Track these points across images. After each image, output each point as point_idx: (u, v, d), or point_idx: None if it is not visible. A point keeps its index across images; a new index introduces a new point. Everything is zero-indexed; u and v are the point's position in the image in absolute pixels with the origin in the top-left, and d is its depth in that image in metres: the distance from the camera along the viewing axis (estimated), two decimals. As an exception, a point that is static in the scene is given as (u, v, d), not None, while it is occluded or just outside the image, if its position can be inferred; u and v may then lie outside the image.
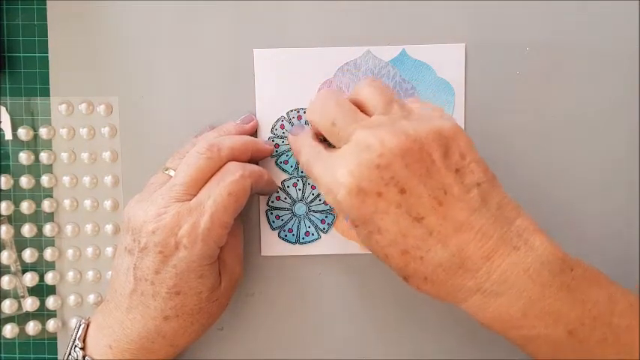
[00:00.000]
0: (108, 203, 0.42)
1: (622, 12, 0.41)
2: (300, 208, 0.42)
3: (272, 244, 0.42)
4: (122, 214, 0.37)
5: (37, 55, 0.41)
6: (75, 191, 0.42)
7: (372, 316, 0.43)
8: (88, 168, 0.42)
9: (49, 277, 0.42)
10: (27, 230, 0.42)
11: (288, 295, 0.43)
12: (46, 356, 0.43)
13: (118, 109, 0.41)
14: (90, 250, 0.42)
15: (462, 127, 0.41)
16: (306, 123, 0.41)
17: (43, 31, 0.41)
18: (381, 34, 0.41)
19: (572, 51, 0.41)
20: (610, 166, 0.42)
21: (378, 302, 0.43)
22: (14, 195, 0.42)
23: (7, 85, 0.41)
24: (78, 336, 0.36)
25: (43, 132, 0.41)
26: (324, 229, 0.42)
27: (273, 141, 0.41)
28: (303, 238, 0.42)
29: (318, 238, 0.42)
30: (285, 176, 0.41)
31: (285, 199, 0.42)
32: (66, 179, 0.42)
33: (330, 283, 0.42)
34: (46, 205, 0.42)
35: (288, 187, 0.41)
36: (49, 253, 0.42)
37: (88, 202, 0.42)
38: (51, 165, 0.42)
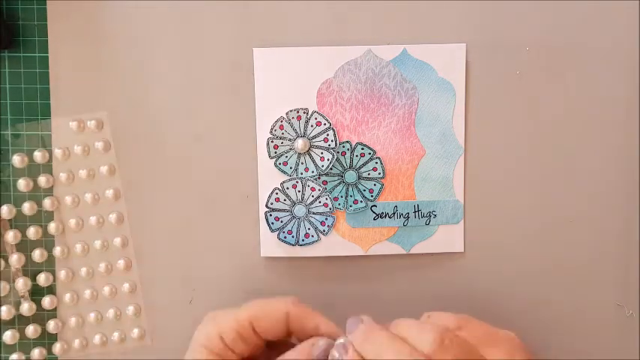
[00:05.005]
0: (112, 217, 0.42)
1: (622, 12, 0.41)
2: (300, 210, 0.42)
3: (271, 246, 0.42)
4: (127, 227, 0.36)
5: (37, 55, 0.41)
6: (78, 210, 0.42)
7: (371, 318, 0.43)
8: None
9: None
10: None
11: (288, 296, 0.43)
12: (47, 357, 0.42)
13: (117, 109, 0.42)
14: (102, 266, 0.42)
15: (463, 126, 0.41)
16: (311, 125, 0.41)
17: (43, 31, 0.41)
18: (381, 34, 0.41)
19: (572, 51, 0.41)
20: (610, 166, 0.42)
21: (378, 304, 0.43)
22: (14, 195, 0.42)
23: (8, 85, 0.41)
24: None
25: (37, 155, 0.41)
26: (324, 231, 0.42)
27: (272, 141, 0.41)
28: (303, 240, 0.42)
29: (318, 240, 0.42)
30: (284, 177, 0.41)
31: (285, 200, 0.41)
32: (68, 199, 0.42)
33: (329, 285, 0.42)
34: (51, 225, 0.42)
35: (287, 188, 0.41)
36: (55, 267, 0.42)
37: (93, 219, 0.42)
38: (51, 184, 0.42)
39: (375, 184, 0.41)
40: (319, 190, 0.41)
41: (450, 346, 0.31)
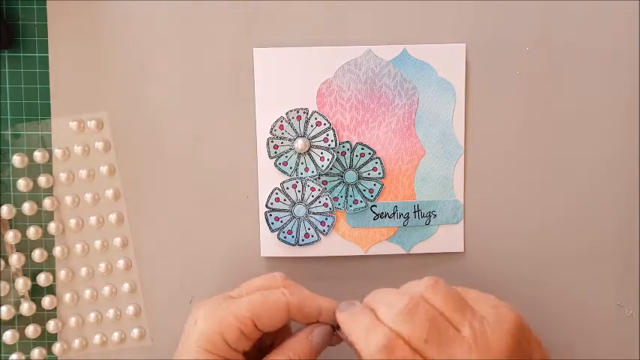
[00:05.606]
0: (112, 217, 0.42)
1: (622, 12, 0.41)
2: (300, 210, 0.42)
3: (271, 246, 0.42)
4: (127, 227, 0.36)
5: (37, 55, 0.41)
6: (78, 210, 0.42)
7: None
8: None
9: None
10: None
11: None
12: (47, 357, 0.42)
13: (117, 109, 0.42)
14: (102, 266, 0.42)
15: (463, 126, 0.41)
16: (311, 125, 0.41)
17: (43, 31, 0.41)
18: (381, 34, 0.41)
19: (572, 51, 0.41)
20: (610, 166, 0.42)
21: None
22: (14, 195, 0.42)
23: (8, 85, 0.41)
24: None
25: (38, 155, 0.41)
26: (323, 231, 0.42)
27: (272, 141, 0.41)
28: (303, 240, 0.42)
29: (318, 240, 0.42)
30: (284, 177, 0.41)
31: (285, 200, 0.41)
32: (68, 199, 0.42)
33: (329, 285, 0.42)
34: (52, 227, 0.42)
35: (287, 188, 0.41)
36: (56, 269, 0.42)
37: (93, 219, 0.42)
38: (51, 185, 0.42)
39: (375, 184, 0.41)
40: (319, 190, 0.41)
41: (442, 287, 0.32)
